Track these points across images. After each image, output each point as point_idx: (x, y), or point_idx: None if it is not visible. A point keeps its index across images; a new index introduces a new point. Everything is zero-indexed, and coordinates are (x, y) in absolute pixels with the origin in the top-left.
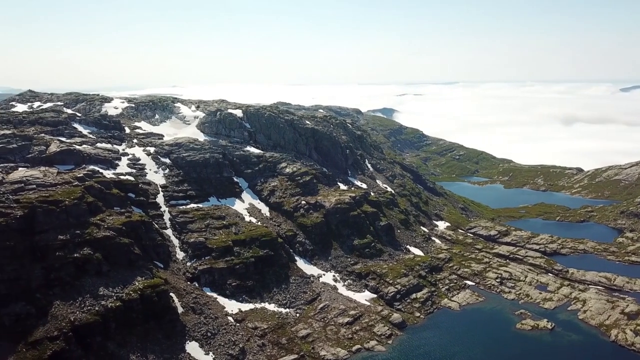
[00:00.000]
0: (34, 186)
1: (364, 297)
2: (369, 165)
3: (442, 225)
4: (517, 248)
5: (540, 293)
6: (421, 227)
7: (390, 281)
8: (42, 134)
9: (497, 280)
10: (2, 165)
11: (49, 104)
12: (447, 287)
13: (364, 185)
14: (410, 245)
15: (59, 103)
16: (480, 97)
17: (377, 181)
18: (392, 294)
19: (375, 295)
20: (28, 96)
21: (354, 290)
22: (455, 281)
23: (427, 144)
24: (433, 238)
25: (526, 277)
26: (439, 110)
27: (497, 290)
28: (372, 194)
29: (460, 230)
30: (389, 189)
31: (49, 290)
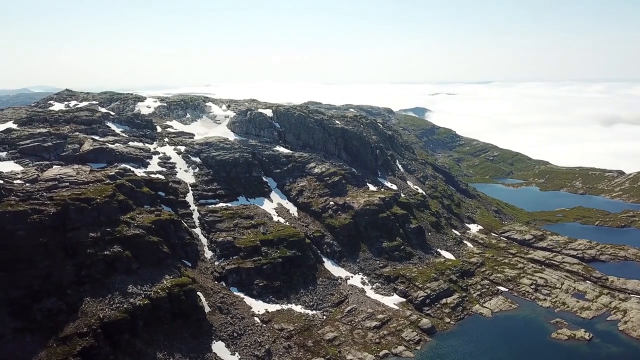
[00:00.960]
0: (67, 184)
1: (392, 301)
2: (399, 166)
3: (474, 228)
4: (553, 253)
5: (578, 301)
6: (453, 230)
7: (420, 285)
8: (77, 133)
9: (532, 286)
10: (37, 162)
11: (84, 103)
12: (478, 292)
13: (394, 187)
14: (441, 249)
15: (94, 102)
16: (516, 96)
17: (408, 182)
18: (421, 298)
19: (404, 300)
20: (65, 95)
21: (382, 294)
22: (487, 287)
23: (460, 145)
24: (465, 241)
25: (562, 284)
26: (473, 110)
27: (532, 298)
28: (403, 195)
29: (493, 234)
30: (420, 191)
31: (79, 286)
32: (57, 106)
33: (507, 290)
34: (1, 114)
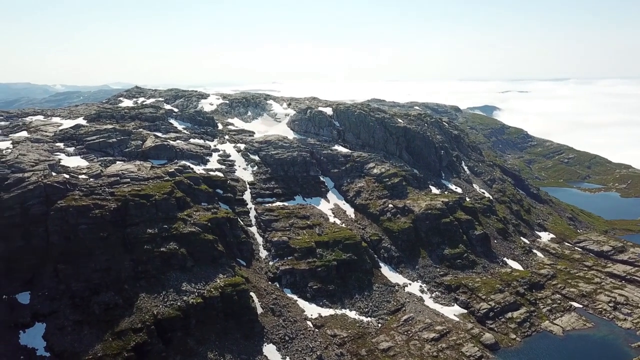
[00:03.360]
0: (128, 180)
1: (452, 312)
2: (465, 168)
3: (545, 236)
4: (636, 268)
5: None
6: (521, 238)
7: (483, 296)
8: (141, 129)
9: (611, 304)
10: (102, 158)
11: (151, 100)
12: (548, 307)
13: (459, 190)
14: (507, 258)
15: (160, 99)
16: (594, 94)
17: (474, 185)
18: (484, 310)
19: (465, 311)
20: (134, 92)
21: (441, 304)
22: (558, 302)
23: (531, 145)
24: (534, 251)
25: None
26: (547, 108)
27: (610, 317)
28: (468, 199)
29: (566, 244)
30: (487, 195)
31: (136, 282)
32: (126, 103)
33: (581, 306)
34: (75, 110)
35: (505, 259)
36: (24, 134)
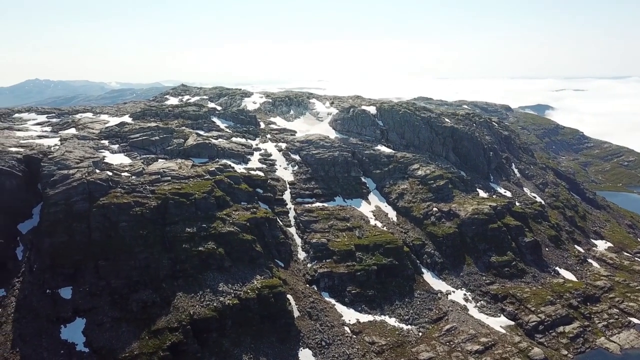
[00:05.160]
0: (169, 178)
1: (498, 323)
2: (515, 171)
3: (602, 245)
4: None
5: None
6: (575, 246)
7: (533, 308)
8: (183, 127)
9: None
10: (144, 156)
11: (196, 98)
12: (605, 323)
13: (508, 194)
14: (560, 268)
15: (204, 97)
16: None
17: (524, 189)
18: (533, 323)
19: (512, 323)
20: (180, 90)
21: (487, 314)
22: (616, 317)
23: (588, 147)
24: (590, 261)
25: None
26: (605, 108)
27: None
28: (517, 204)
29: (626, 254)
30: (538, 199)
31: (173, 281)
32: (172, 100)
33: None
34: (122, 107)
35: (557, 268)
36: (73, 131)
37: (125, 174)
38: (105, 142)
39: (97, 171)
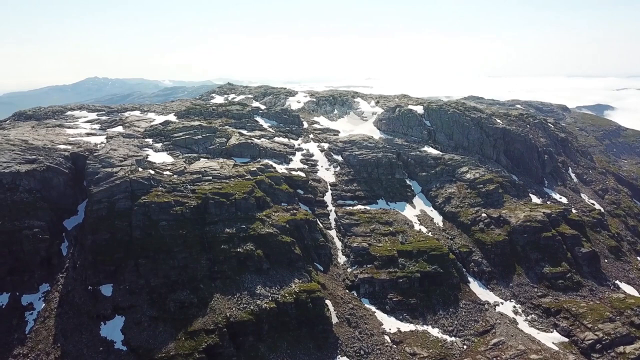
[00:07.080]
0: (210, 177)
1: (550, 339)
2: (572, 175)
3: None
4: None
5: None
6: (638, 258)
7: (589, 325)
8: (226, 126)
9: None
10: (186, 155)
11: (241, 97)
12: None
13: (564, 200)
14: (620, 281)
15: (249, 96)
16: None
17: (582, 195)
18: (590, 341)
19: (566, 340)
20: (226, 89)
21: (538, 329)
22: None
23: None
24: None
25: None
26: None
27: None
28: (574, 211)
29: None
30: (597, 207)
31: (211, 282)
32: (217, 99)
33: None
34: (169, 105)
35: (617, 282)
36: (119, 129)
37: (167, 172)
38: (149, 140)
39: (140, 169)
